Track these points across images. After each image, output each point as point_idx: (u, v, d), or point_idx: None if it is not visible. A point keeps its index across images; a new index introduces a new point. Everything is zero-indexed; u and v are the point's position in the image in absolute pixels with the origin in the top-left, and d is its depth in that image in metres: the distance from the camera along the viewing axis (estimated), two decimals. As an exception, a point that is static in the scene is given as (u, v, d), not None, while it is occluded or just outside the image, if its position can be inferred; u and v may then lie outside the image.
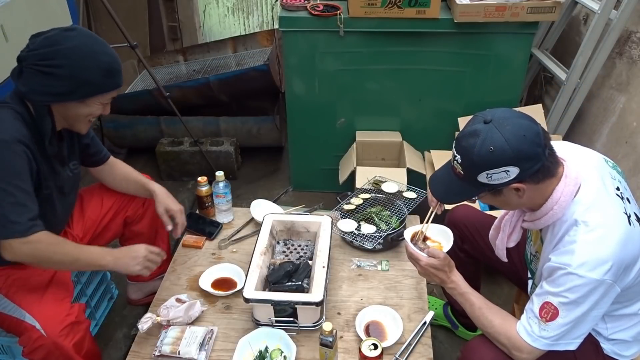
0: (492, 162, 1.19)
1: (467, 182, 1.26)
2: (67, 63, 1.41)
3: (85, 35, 1.48)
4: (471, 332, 2.08)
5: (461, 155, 1.24)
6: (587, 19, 2.76)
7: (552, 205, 1.25)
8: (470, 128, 1.24)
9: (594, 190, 1.25)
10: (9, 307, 1.55)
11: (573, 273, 1.19)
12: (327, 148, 2.88)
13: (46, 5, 2.38)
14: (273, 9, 3.97)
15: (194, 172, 3.02)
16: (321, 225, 1.89)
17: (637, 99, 2.30)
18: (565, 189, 1.24)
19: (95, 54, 1.45)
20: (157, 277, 2.11)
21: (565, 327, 1.24)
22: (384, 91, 2.68)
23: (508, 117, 1.22)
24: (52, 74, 1.41)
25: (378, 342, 1.47)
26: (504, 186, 1.23)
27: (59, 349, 1.50)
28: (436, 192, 1.40)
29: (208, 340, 1.61)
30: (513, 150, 1.17)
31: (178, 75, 3.51)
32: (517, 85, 2.64)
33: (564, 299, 1.22)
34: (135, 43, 2.59)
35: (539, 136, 1.19)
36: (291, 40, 2.56)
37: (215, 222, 2.12)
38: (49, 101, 1.48)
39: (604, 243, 1.19)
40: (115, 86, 1.52)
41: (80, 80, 1.43)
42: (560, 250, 1.24)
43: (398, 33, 2.47)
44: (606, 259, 1.18)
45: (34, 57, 1.42)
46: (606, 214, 1.22)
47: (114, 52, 1.52)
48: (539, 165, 1.20)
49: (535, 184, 1.23)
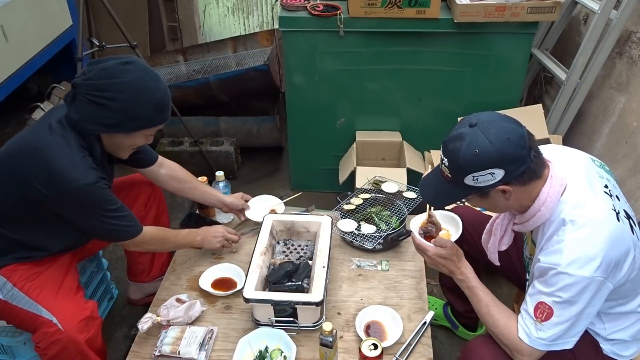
0: (478, 164, 1.21)
1: (455, 185, 1.28)
2: (122, 97, 1.44)
3: (141, 69, 1.49)
4: (471, 332, 2.08)
5: (448, 159, 1.26)
6: (587, 19, 2.76)
7: (539, 207, 1.27)
8: (456, 132, 1.26)
9: (580, 189, 1.27)
10: (25, 302, 1.56)
11: (563, 272, 1.20)
12: (327, 148, 2.88)
13: (46, 5, 2.38)
14: (273, 9, 3.96)
15: (194, 172, 2.96)
16: (321, 225, 1.89)
17: (637, 99, 2.30)
18: (551, 190, 1.26)
19: (149, 90, 1.47)
20: (157, 277, 2.12)
21: (562, 327, 1.24)
22: (384, 91, 2.68)
23: (493, 120, 1.24)
24: (105, 106, 1.44)
25: (378, 342, 1.47)
26: (490, 188, 1.25)
27: (74, 343, 1.52)
28: (425, 195, 1.41)
29: (208, 340, 1.61)
30: (497, 153, 1.19)
31: (178, 75, 3.50)
32: (517, 85, 2.64)
33: (557, 298, 1.23)
34: (135, 43, 2.58)
35: (523, 139, 1.21)
36: (291, 40, 2.56)
37: (215, 222, 2.12)
38: (98, 130, 1.51)
39: (592, 240, 1.20)
40: (164, 120, 1.56)
41: (132, 114, 1.47)
42: (549, 250, 1.25)
43: (398, 33, 2.48)
44: (595, 256, 1.19)
45: (89, 87, 1.45)
46: (593, 211, 1.23)
47: (166, 87, 1.54)
48: (524, 167, 1.22)
49: (521, 186, 1.25)
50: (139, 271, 2.13)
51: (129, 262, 2.13)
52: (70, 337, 1.51)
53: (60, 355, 1.53)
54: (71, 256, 1.75)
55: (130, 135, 1.54)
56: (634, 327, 1.38)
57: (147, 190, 1.98)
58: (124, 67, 1.46)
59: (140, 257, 2.08)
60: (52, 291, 1.58)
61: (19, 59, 1.51)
